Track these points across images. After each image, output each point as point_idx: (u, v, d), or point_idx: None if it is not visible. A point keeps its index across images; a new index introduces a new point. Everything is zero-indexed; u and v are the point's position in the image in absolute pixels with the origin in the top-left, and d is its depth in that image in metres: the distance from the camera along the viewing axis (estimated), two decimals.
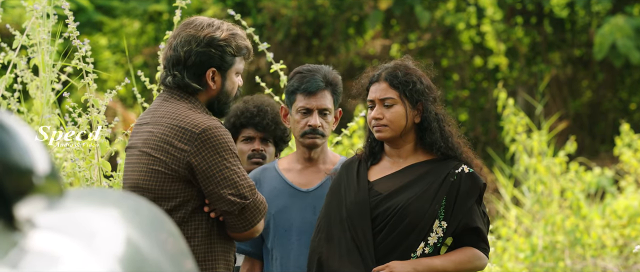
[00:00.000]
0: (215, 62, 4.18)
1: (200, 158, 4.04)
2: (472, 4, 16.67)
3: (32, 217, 2.02)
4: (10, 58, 5.26)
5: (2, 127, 2.00)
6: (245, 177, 4.10)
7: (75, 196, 2.26)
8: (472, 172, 4.36)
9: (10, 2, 9.94)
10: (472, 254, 4.33)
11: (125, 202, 2.37)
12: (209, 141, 4.04)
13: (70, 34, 4.90)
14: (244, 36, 4.27)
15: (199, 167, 4.04)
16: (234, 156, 4.09)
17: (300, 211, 4.66)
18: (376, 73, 4.48)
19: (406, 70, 4.43)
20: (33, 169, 2.01)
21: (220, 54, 4.18)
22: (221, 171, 4.04)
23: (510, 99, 10.61)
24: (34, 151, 2.02)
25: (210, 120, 4.10)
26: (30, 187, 2.00)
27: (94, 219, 2.18)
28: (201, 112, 4.14)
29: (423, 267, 4.26)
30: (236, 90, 4.26)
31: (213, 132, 4.06)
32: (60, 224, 2.08)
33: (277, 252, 4.66)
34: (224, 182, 4.04)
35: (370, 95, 4.44)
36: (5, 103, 5.33)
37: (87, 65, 4.92)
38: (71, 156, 4.94)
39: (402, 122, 4.37)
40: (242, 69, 4.27)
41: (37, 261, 1.92)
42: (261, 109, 5.05)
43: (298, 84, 4.67)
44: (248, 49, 4.26)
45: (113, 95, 5.12)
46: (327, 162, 4.76)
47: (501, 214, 11.24)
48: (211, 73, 4.18)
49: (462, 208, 4.30)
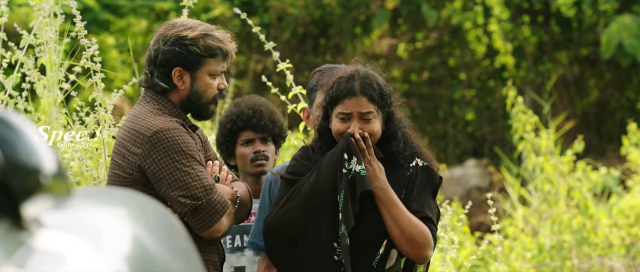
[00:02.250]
0: (180, 61, 4.16)
1: (151, 161, 4.03)
2: (478, 3, 16.65)
3: (39, 216, 2.02)
4: (18, 57, 5.26)
5: (9, 127, 2.00)
6: (199, 178, 4.04)
7: (82, 195, 2.26)
8: (427, 166, 4.37)
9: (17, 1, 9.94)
10: (425, 228, 4.30)
11: (132, 202, 2.37)
12: (159, 143, 4.02)
13: (78, 33, 4.90)
14: (222, 38, 4.21)
15: (149, 170, 4.04)
16: (187, 156, 4.04)
17: None
18: (348, 85, 4.32)
19: (376, 80, 4.35)
20: (40, 168, 2.01)
21: (185, 53, 4.15)
22: (171, 173, 4.02)
23: (520, 97, 10.60)
24: (41, 150, 2.02)
25: (165, 123, 4.07)
26: (37, 187, 2.00)
27: (101, 218, 2.18)
28: (164, 114, 4.12)
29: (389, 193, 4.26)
30: (213, 92, 4.21)
31: (164, 134, 4.03)
32: (67, 224, 2.08)
33: None
34: (174, 184, 4.01)
35: (346, 107, 4.28)
36: (13, 102, 5.33)
37: (95, 65, 4.93)
38: (78, 155, 4.95)
39: (378, 135, 4.33)
40: (218, 70, 4.21)
41: (44, 260, 1.92)
42: (256, 110, 5.03)
43: (318, 82, 4.59)
44: (223, 51, 4.19)
45: (120, 95, 5.13)
46: None
47: (508, 213, 11.23)
48: (177, 72, 4.16)
49: (418, 200, 4.30)
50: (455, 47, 17.07)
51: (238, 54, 4.29)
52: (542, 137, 10.31)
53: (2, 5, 5.32)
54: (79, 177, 5.01)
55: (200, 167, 4.08)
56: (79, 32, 4.87)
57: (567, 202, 10.33)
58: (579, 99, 16.45)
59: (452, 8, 16.50)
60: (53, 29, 5.23)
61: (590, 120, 16.45)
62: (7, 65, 5.30)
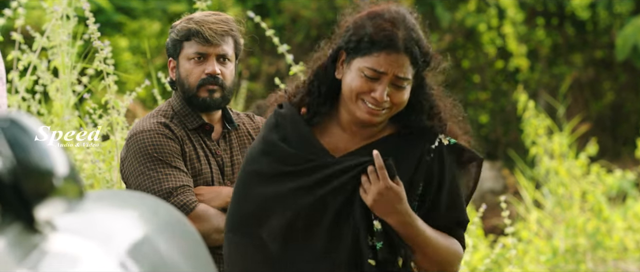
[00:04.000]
0: (168, 51, 4.12)
1: (124, 165, 4.00)
2: (492, 5, 16.62)
3: (51, 219, 2.02)
4: (31, 60, 5.26)
5: (22, 129, 1.99)
6: (160, 181, 3.90)
7: (94, 198, 2.26)
8: (456, 144, 3.32)
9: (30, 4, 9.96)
10: (455, 247, 3.34)
11: (144, 204, 2.37)
12: (131, 147, 3.97)
13: (91, 35, 4.90)
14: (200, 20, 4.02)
15: (123, 174, 4.02)
16: (153, 160, 3.92)
17: None
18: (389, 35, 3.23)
19: (420, 37, 3.30)
20: (53, 171, 2.00)
21: (171, 42, 4.10)
22: (136, 177, 3.94)
23: (531, 101, 10.57)
24: (53, 153, 2.02)
25: (144, 125, 3.99)
26: (50, 190, 1.99)
27: (113, 221, 2.17)
28: (158, 115, 4.04)
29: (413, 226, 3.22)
30: (196, 77, 3.98)
31: (136, 137, 3.97)
32: (80, 226, 2.07)
33: None
34: (137, 188, 3.95)
35: (379, 64, 3.20)
36: (26, 105, 5.34)
37: (108, 67, 4.92)
38: (91, 158, 4.95)
39: (403, 106, 3.28)
40: (193, 53, 3.98)
41: (57, 263, 1.92)
42: None
43: None
44: (191, 31, 3.99)
45: (133, 97, 5.12)
46: None
47: (522, 217, 11.20)
48: (170, 64, 4.10)
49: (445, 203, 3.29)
50: (469, 49, 17.04)
51: (251, 57, 4.21)
52: (554, 141, 10.28)
53: (18, 8, 5.32)
54: (91, 179, 5.01)
55: (167, 169, 3.92)
56: (92, 35, 4.87)
57: (582, 205, 10.30)
58: (593, 102, 16.41)
59: (466, 10, 16.47)
60: (66, 32, 5.23)
61: (605, 122, 16.40)
62: (23, 68, 5.31)
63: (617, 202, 11.15)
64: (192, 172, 4.00)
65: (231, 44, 4.07)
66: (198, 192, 3.97)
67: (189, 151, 4.02)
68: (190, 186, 3.95)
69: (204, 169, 4.03)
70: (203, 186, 4.00)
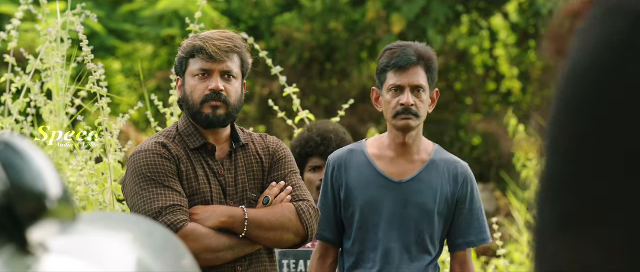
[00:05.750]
0: (176, 69, 4.14)
1: (123, 185, 4.04)
2: (485, 28, 16.68)
3: (45, 241, 2.02)
4: (24, 82, 5.27)
5: (15, 151, 2.00)
6: (152, 201, 3.90)
7: (88, 220, 2.26)
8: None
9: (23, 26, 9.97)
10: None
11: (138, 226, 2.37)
12: (129, 168, 4.00)
13: (85, 57, 4.91)
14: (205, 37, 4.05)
15: (123, 194, 4.05)
16: (147, 179, 3.93)
17: (391, 205, 4.29)
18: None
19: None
20: (46, 193, 2.00)
21: (177, 60, 4.11)
22: (131, 198, 3.96)
23: (521, 125, 10.59)
24: (47, 174, 2.02)
25: (145, 145, 4.01)
26: (43, 211, 2.00)
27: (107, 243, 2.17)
28: (162, 135, 4.06)
29: None
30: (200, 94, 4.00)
31: (134, 157, 3.99)
32: (73, 248, 2.07)
33: (358, 247, 4.33)
34: (132, 208, 3.96)
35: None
36: (19, 127, 5.34)
37: (101, 89, 4.93)
38: (84, 180, 4.95)
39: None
40: (198, 70, 4.01)
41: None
42: (325, 137, 4.95)
43: (388, 61, 4.31)
44: (196, 47, 4.01)
45: (126, 119, 5.13)
46: (421, 152, 4.35)
47: (515, 238, 11.20)
48: (178, 82, 4.12)
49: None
50: (462, 71, 17.08)
51: None
52: None
53: (12, 31, 5.33)
54: (84, 201, 5.01)
55: (159, 189, 3.92)
56: (85, 57, 4.88)
57: None
58: None
59: (459, 33, 16.52)
60: (59, 54, 5.24)
61: None
62: (15, 90, 5.31)
63: None
64: (189, 191, 3.99)
65: (236, 61, 4.07)
66: (194, 211, 3.97)
67: (186, 170, 4.00)
68: (182, 206, 3.93)
69: (203, 188, 4.01)
70: (200, 205, 3.99)
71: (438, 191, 4.28)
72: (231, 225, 3.95)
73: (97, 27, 13.44)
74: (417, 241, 4.26)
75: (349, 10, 15.56)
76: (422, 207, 4.27)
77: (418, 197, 4.27)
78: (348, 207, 4.30)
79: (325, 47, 16.07)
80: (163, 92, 14.64)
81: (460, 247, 4.41)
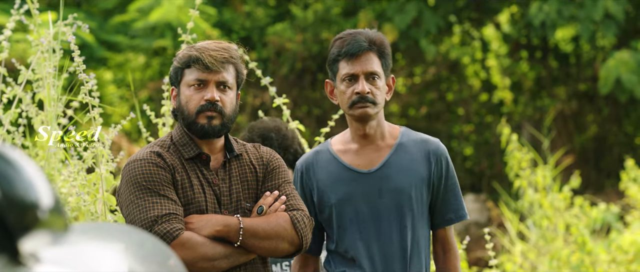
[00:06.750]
0: (171, 79, 4.13)
1: (118, 194, 4.04)
2: (477, 38, 16.70)
3: (36, 251, 2.02)
4: (16, 93, 5.27)
5: (7, 162, 2.00)
6: (146, 210, 3.91)
7: (80, 230, 2.25)
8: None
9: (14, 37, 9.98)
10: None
11: (129, 237, 2.37)
12: (123, 177, 4.00)
13: (76, 68, 4.91)
14: (200, 47, 4.06)
15: (118, 203, 4.04)
16: (141, 188, 3.94)
17: (364, 196, 4.18)
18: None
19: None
20: (38, 203, 2.00)
21: (173, 70, 4.11)
22: (126, 207, 3.97)
23: (514, 134, 10.61)
24: (38, 185, 2.02)
25: (139, 154, 4.02)
26: (35, 222, 2.00)
27: (98, 253, 2.17)
28: (156, 144, 4.07)
29: None
30: (195, 104, 4.01)
31: (129, 167, 4.00)
32: (65, 259, 2.07)
33: (341, 246, 4.22)
34: (126, 217, 3.97)
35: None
36: (10, 138, 5.33)
37: (93, 99, 4.93)
38: (76, 190, 4.94)
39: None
40: (193, 80, 4.02)
41: None
42: (266, 136, 4.97)
43: (339, 50, 4.14)
44: (192, 58, 4.02)
45: (118, 130, 5.13)
46: (386, 137, 4.23)
47: (507, 249, 11.21)
48: (172, 92, 4.12)
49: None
50: (454, 82, 17.10)
51: None
52: (538, 174, 10.31)
53: (3, 41, 5.33)
54: (76, 212, 5.00)
55: (154, 198, 3.94)
56: (77, 67, 4.88)
57: (566, 238, 10.32)
58: (577, 134, 16.46)
59: (451, 43, 16.54)
60: (51, 65, 5.23)
61: (588, 155, 16.45)
62: (7, 101, 5.31)
63: (601, 234, 11.17)
64: (184, 201, 4.00)
65: (232, 71, 4.08)
66: (189, 220, 3.98)
67: (181, 179, 4.02)
68: (178, 214, 3.94)
69: (198, 198, 4.02)
70: (195, 214, 4.00)
71: (411, 174, 4.17)
72: (226, 234, 3.96)
73: (89, 37, 13.44)
74: (400, 228, 4.16)
75: (341, 20, 15.58)
76: (398, 193, 4.15)
77: (391, 183, 4.15)
78: (323, 208, 4.24)
79: (317, 57, 16.08)
80: (155, 102, 14.64)
81: (439, 225, 4.27)
